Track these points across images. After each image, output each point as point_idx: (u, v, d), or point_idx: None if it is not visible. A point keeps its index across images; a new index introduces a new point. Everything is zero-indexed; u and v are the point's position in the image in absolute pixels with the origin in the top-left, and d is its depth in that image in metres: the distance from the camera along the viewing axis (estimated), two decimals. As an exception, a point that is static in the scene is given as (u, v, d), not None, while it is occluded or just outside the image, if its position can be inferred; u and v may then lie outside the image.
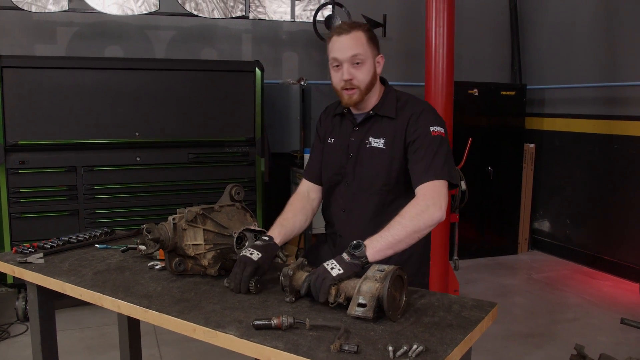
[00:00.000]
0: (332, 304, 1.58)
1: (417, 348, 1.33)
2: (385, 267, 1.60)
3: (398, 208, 1.89)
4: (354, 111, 2.12)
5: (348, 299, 1.57)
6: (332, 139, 2.18)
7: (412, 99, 2.09)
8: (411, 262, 2.03)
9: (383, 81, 2.13)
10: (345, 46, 1.96)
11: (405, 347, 1.34)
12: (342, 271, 1.64)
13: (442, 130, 1.99)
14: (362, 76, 1.98)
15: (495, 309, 1.66)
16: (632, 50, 4.95)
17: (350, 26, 1.98)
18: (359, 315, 1.51)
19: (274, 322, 1.46)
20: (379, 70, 2.05)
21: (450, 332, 1.46)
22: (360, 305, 1.52)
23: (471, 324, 1.53)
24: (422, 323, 1.52)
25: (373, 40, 2.02)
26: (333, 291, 1.58)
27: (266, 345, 1.39)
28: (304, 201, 2.23)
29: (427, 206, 1.83)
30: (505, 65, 6.27)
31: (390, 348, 1.33)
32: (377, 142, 2.03)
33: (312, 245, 2.30)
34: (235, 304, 1.66)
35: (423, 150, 1.94)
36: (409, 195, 1.95)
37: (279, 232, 2.01)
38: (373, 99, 2.07)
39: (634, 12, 4.92)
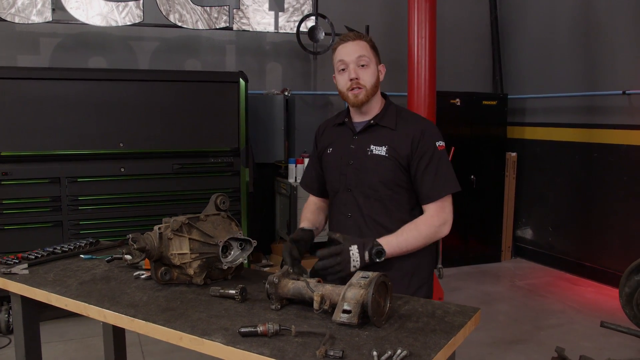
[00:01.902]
0: (317, 310, 1.60)
1: (401, 352, 1.35)
2: (370, 273, 1.62)
3: (401, 212, 2.12)
4: (356, 119, 2.21)
5: (333, 306, 1.59)
6: (331, 149, 2.26)
7: (412, 115, 2.25)
8: (421, 269, 2.19)
9: (385, 96, 2.25)
10: (351, 50, 2.10)
11: (389, 352, 1.36)
12: (358, 268, 1.87)
13: (444, 143, 2.15)
14: (367, 77, 2.10)
15: (478, 314, 1.69)
16: (610, 59, 5.05)
17: (355, 35, 2.13)
18: (344, 322, 1.53)
19: (260, 329, 1.47)
20: (381, 77, 2.17)
21: (433, 337, 1.49)
22: (345, 311, 1.54)
23: (454, 328, 1.55)
24: (407, 328, 1.54)
25: (375, 49, 2.16)
26: (318, 298, 1.60)
27: (252, 352, 1.40)
28: (315, 207, 2.38)
29: (441, 226, 2.08)
30: (486, 75, 6.37)
31: (375, 353, 1.35)
32: (379, 150, 2.12)
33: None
34: (221, 312, 1.67)
35: (433, 168, 2.09)
36: (411, 200, 2.14)
37: (307, 223, 2.25)
38: (375, 107, 2.18)
39: (612, 23, 5.03)
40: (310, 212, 2.33)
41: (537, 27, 5.91)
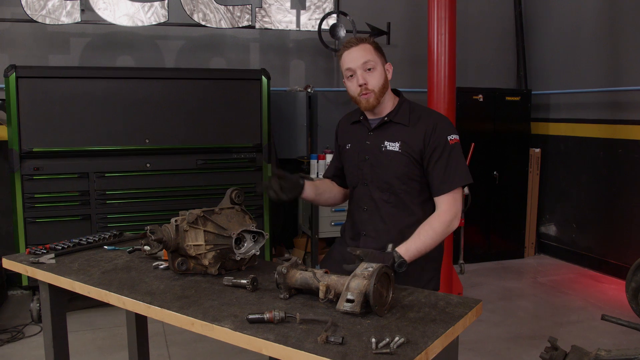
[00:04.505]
0: (322, 299, 1.67)
1: (398, 340, 1.41)
2: (374, 265, 1.69)
3: (414, 206, 2.21)
4: (370, 117, 2.30)
5: (338, 295, 1.66)
6: (349, 145, 2.36)
7: (425, 110, 2.30)
8: (429, 267, 2.28)
9: (398, 93, 2.33)
10: (356, 56, 2.17)
11: (387, 339, 1.42)
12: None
13: (457, 137, 2.21)
14: (374, 81, 2.18)
15: (479, 305, 1.74)
16: (636, 54, 4.99)
17: (357, 40, 2.21)
18: (347, 311, 1.60)
19: (267, 316, 1.55)
20: (389, 76, 2.24)
21: (432, 326, 1.54)
22: (348, 300, 1.61)
23: (454, 318, 1.61)
24: (407, 318, 1.61)
25: (380, 50, 2.23)
26: (324, 288, 1.67)
27: (258, 337, 1.48)
28: (328, 181, 2.50)
29: (451, 220, 2.14)
30: (510, 71, 6.33)
31: (374, 340, 1.42)
32: (393, 146, 2.21)
33: (326, 255, 2.50)
34: (232, 300, 1.76)
35: (444, 161, 2.16)
36: (424, 194, 2.23)
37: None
38: (387, 105, 2.26)
39: (638, 17, 4.96)
40: (321, 181, 2.46)
41: (561, 23, 5.85)
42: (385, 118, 2.24)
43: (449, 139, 2.17)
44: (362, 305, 1.59)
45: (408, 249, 2.05)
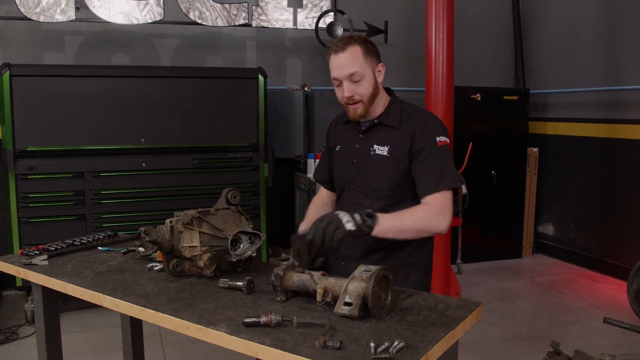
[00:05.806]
0: (320, 302, 1.64)
1: (397, 344, 1.38)
2: (372, 267, 1.66)
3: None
4: (360, 119, 2.19)
5: (335, 298, 1.63)
6: (339, 147, 2.26)
7: (416, 111, 2.16)
8: (416, 269, 2.16)
9: (390, 92, 2.20)
10: (342, 64, 2.01)
11: (386, 344, 1.39)
12: (354, 228, 1.77)
13: (447, 139, 2.06)
14: (362, 90, 2.04)
15: (479, 308, 1.71)
16: (634, 54, 4.97)
17: (345, 42, 2.02)
18: (345, 314, 1.57)
19: (263, 319, 1.52)
20: (380, 79, 2.09)
21: (432, 330, 1.51)
22: (346, 304, 1.57)
23: (454, 322, 1.58)
24: (407, 321, 1.57)
25: (370, 52, 2.05)
26: (321, 290, 1.64)
27: (254, 342, 1.45)
28: (321, 202, 2.39)
29: (439, 215, 1.96)
30: (508, 70, 6.31)
31: (372, 344, 1.39)
32: (381, 150, 2.09)
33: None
34: (228, 303, 1.72)
35: (431, 161, 2.01)
36: (412, 201, 2.07)
37: (307, 224, 2.14)
38: (378, 107, 2.14)
39: (636, 17, 4.95)
40: (315, 208, 2.32)
41: (559, 22, 5.84)
42: (375, 120, 2.13)
43: (437, 139, 2.04)
44: (361, 308, 1.56)
45: (382, 215, 1.88)
